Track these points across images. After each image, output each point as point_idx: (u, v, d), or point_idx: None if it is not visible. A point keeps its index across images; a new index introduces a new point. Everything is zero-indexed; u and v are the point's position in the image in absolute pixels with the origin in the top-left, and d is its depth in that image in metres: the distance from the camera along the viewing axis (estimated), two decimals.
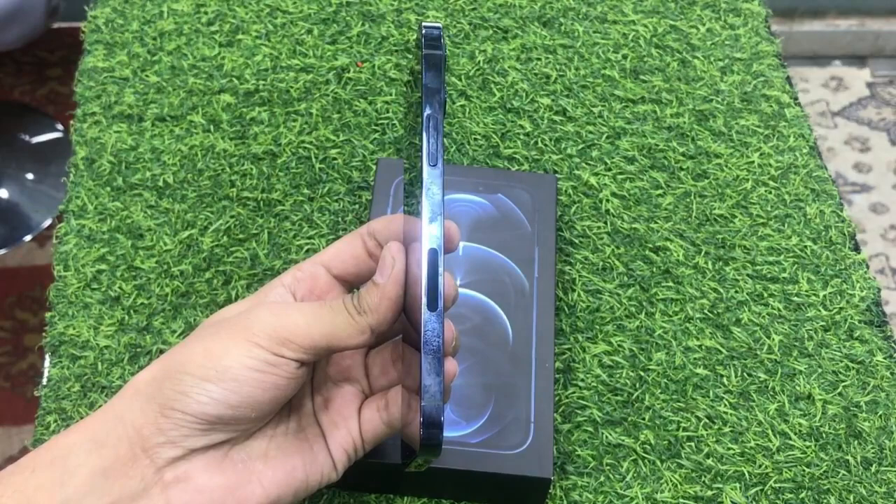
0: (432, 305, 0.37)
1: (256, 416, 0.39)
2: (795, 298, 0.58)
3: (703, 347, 0.56)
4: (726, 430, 0.53)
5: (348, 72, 0.67)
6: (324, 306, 0.40)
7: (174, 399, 0.38)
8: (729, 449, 0.52)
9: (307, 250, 0.58)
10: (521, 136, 0.65)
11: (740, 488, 0.51)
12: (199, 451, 0.39)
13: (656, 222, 0.61)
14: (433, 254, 0.37)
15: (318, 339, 0.39)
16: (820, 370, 0.55)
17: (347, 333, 0.40)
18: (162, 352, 0.54)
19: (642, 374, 0.54)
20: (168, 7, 0.70)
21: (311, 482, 0.41)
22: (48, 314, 0.56)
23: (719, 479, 0.51)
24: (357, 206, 0.61)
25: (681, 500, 0.50)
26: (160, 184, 0.61)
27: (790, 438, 0.52)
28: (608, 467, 0.51)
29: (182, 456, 0.38)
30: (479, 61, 0.69)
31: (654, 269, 0.59)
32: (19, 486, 0.37)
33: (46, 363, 0.54)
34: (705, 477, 0.51)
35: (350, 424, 0.43)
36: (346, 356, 0.44)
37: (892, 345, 0.57)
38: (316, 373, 0.44)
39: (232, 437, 0.40)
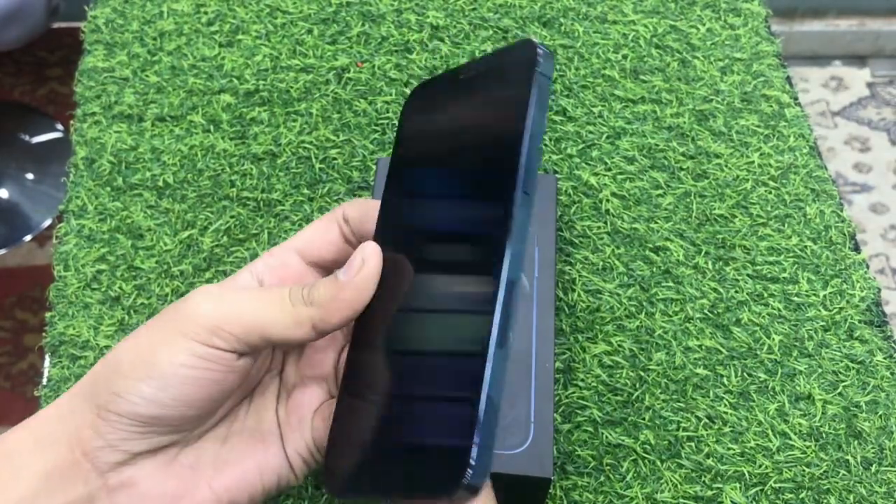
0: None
1: (197, 414, 0.37)
2: (795, 298, 0.58)
3: (703, 347, 0.56)
4: (726, 430, 0.53)
5: (348, 72, 0.67)
6: (264, 291, 0.37)
7: (108, 400, 0.36)
8: (729, 449, 0.52)
9: None
10: None
11: (740, 488, 0.51)
12: (145, 455, 0.37)
13: (656, 222, 0.61)
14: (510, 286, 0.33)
15: (251, 327, 0.36)
16: (820, 370, 0.55)
17: (284, 324, 0.36)
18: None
19: (642, 374, 0.54)
20: (168, 7, 0.70)
21: (267, 486, 0.38)
22: (48, 314, 0.56)
23: (719, 479, 0.51)
24: None
25: (681, 500, 0.50)
26: (160, 184, 0.61)
27: (790, 438, 0.53)
28: (608, 467, 0.51)
29: (125, 461, 0.36)
30: None
31: (654, 269, 0.59)
32: None
33: (46, 363, 0.54)
34: (705, 477, 0.51)
35: (304, 428, 0.39)
36: (317, 350, 0.41)
37: (892, 345, 0.57)
38: (287, 366, 0.41)
39: (177, 440, 0.37)
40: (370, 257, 0.37)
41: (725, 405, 0.54)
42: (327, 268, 0.41)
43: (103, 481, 0.36)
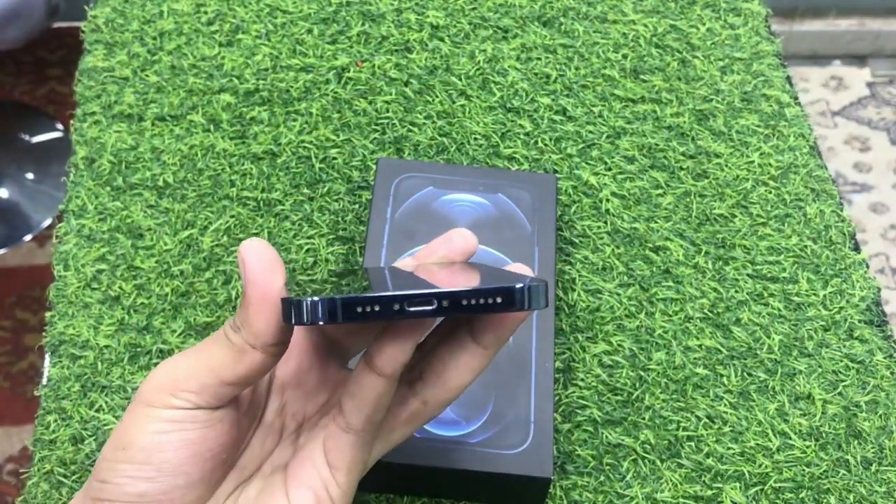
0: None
1: (186, 482, 0.35)
2: (795, 298, 0.58)
3: (703, 347, 0.56)
4: (726, 429, 0.53)
5: (348, 71, 0.67)
6: (209, 337, 0.36)
7: (99, 489, 0.35)
8: (729, 449, 0.52)
9: (307, 250, 0.58)
10: (521, 136, 0.65)
11: (740, 488, 0.51)
12: None
13: (656, 222, 0.61)
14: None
15: (204, 376, 0.35)
16: (820, 370, 0.55)
17: (229, 360, 0.35)
18: (161, 352, 0.54)
19: (642, 373, 0.54)
20: (168, 7, 0.70)
21: None
22: (48, 314, 0.56)
23: (719, 478, 0.51)
24: (357, 206, 0.61)
25: (681, 500, 0.50)
26: (160, 183, 0.61)
27: (790, 438, 0.52)
28: (608, 467, 0.51)
29: None
30: (479, 61, 0.69)
31: (654, 269, 0.59)
32: None
33: (46, 363, 0.54)
34: (705, 477, 0.51)
35: (316, 457, 0.37)
36: (309, 389, 0.39)
37: (892, 344, 0.57)
38: (305, 427, 0.40)
39: None
40: (246, 251, 0.35)
41: (725, 405, 0.54)
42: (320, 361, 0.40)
43: None
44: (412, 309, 0.31)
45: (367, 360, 0.34)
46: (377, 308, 0.31)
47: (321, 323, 0.31)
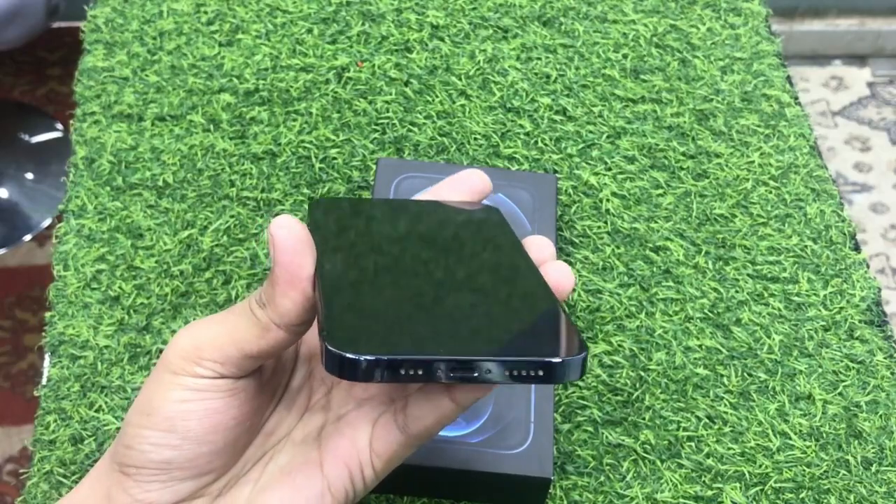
0: None
1: (210, 449, 0.35)
2: (796, 298, 0.58)
3: (704, 347, 0.56)
4: (726, 429, 0.53)
5: (348, 71, 0.67)
6: (231, 311, 0.36)
7: (123, 455, 0.35)
8: (729, 449, 0.52)
9: None
10: (521, 136, 0.65)
11: (740, 488, 0.51)
12: None
13: (656, 222, 0.61)
14: None
15: (227, 347, 0.35)
16: (820, 370, 0.55)
17: (253, 335, 0.34)
18: (161, 352, 0.54)
19: (642, 373, 0.54)
20: (168, 6, 0.70)
21: None
22: (48, 314, 0.55)
23: (719, 478, 0.51)
24: None
25: (681, 500, 0.50)
26: (160, 183, 0.61)
27: (790, 438, 0.52)
28: (608, 467, 0.51)
29: None
30: (479, 61, 0.69)
31: (655, 269, 0.59)
32: None
33: (46, 363, 0.54)
34: (705, 477, 0.51)
35: (359, 437, 0.36)
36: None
37: (893, 345, 0.57)
38: (335, 394, 0.39)
39: (204, 487, 0.36)
40: (277, 229, 0.34)
41: (725, 405, 0.53)
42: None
43: None
44: (456, 375, 0.31)
45: (449, 391, 0.35)
46: (421, 373, 0.31)
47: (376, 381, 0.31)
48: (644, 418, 0.53)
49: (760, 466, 0.51)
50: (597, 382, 0.54)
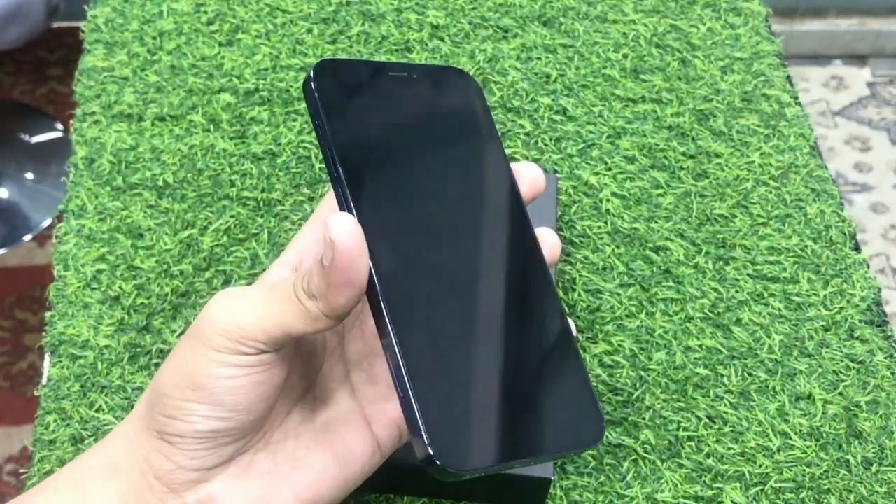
0: None
1: (256, 417, 0.37)
2: (796, 298, 0.58)
3: (704, 347, 0.56)
4: (726, 429, 0.53)
5: None
6: (273, 292, 0.36)
7: (165, 424, 0.36)
8: (729, 449, 0.52)
9: None
10: (522, 136, 0.65)
11: (741, 488, 0.51)
12: (217, 470, 0.37)
13: (656, 222, 0.61)
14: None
15: (273, 329, 0.35)
16: (820, 370, 0.55)
17: (302, 321, 0.35)
18: (161, 352, 0.54)
19: (642, 373, 0.54)
20: (168, 6, 0.70)
21: (349, 476, 0.38)
22: (48, 314, 0.55)
23: (720, 478, 0.51)
24: None
25: (681, 500, 0.50)
26: (160, 183, 0.61)
27: (790, 438, 0.52)
28: (608, 467, 0.51)
29: (200, 479, 0.36)
30: (479, 61, 0.69)
31: (655, 269, 0.59)
32: None
33: (46, 363, 0.54)
34: (706, 477, 0.51)
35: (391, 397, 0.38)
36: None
37: (893, 344, 0.57)
38: (350, 345, 0.40)
39: (246, 446, 0.37)
40: (338, 233, 0.34)
41: (726, 405, 0.53)
42: None
43: (181, 501, 0.36)
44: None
45: None
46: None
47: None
48: (644, 418, 0.53)
49: (760, 466, 0.51)
50: (597, 382, 0.54)
